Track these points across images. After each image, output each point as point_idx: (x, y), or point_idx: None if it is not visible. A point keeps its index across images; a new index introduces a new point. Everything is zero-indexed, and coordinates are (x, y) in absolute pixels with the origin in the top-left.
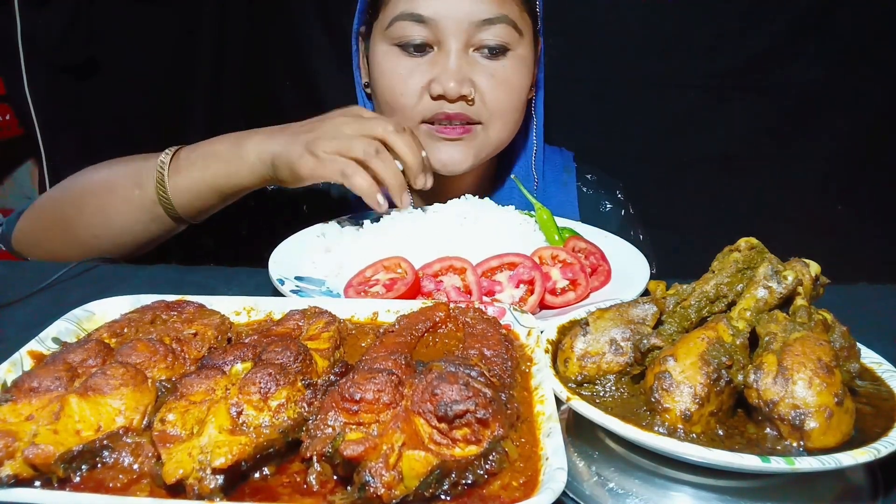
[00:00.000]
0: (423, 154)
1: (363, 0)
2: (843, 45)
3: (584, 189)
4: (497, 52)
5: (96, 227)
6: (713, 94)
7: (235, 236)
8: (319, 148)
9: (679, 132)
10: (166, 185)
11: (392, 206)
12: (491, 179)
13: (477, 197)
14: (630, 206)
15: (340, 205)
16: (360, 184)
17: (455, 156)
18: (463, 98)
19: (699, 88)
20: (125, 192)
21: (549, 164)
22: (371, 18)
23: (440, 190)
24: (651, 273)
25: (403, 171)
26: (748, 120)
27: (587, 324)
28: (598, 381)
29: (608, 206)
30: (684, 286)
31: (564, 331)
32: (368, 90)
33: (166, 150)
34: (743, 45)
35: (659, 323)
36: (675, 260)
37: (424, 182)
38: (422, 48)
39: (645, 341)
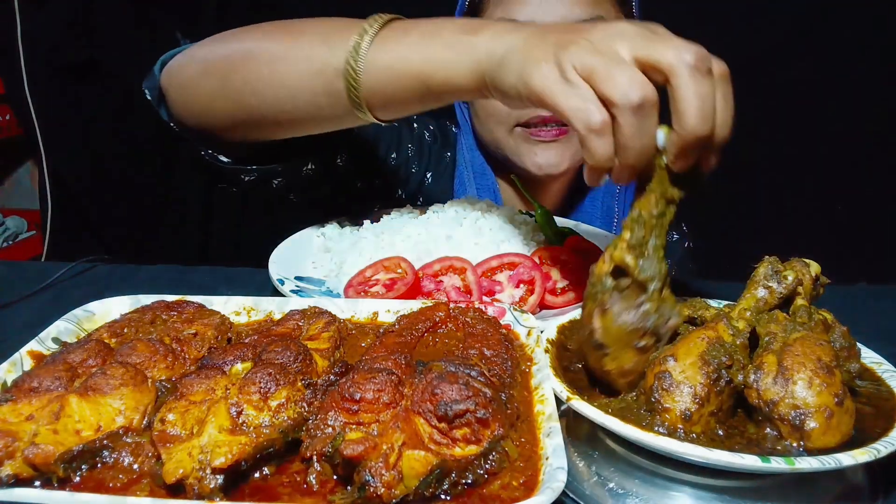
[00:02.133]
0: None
1: (462, 2)
2: (843, 45)
3: None
4: None
5: (260, 79)
6: None
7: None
8: (570, 59)
9: None
10: (360, 55)
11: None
12: (577, 190)
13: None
14: (692, 241)
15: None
16: (594, 148)
17: (551, 158)
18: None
19: None
20: (308, 47)
21: (627, 191)
22: None
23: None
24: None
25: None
26: (748, 120)
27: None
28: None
29: (675, 236)
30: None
31: (564, 331)
32: None
33: (375, 16)
34: (743, 44)
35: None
36: (675, 260)
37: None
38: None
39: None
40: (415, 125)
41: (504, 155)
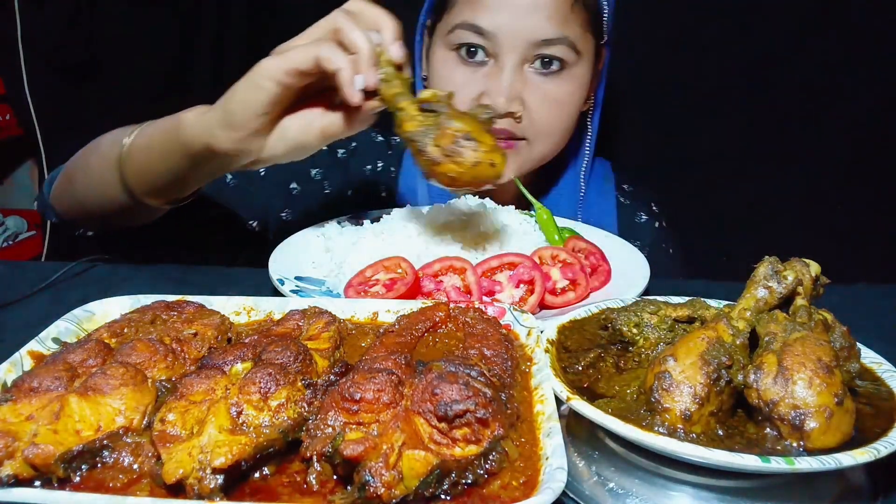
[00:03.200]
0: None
1: (430, 2)
2: (843, 44)
3: (622, 199)
4: (552, 70)
5: (84, 185)
6: (713, 94)
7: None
8: (282, 48)
9: (679, 132)
10: (123, 143)
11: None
12: (535, 187)
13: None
14: (663, 220)
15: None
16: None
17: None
18: (510, 114)
19: (699, 88)
20: (106, 148)
21: (592, 173)
22: (436, 18)
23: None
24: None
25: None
26: (748, 120)
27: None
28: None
29: (643, 217)
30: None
31: (564, 331)
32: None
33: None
34: (743, 44)
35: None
36: (675, 260)
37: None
38: (477, 56)
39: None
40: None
41: None
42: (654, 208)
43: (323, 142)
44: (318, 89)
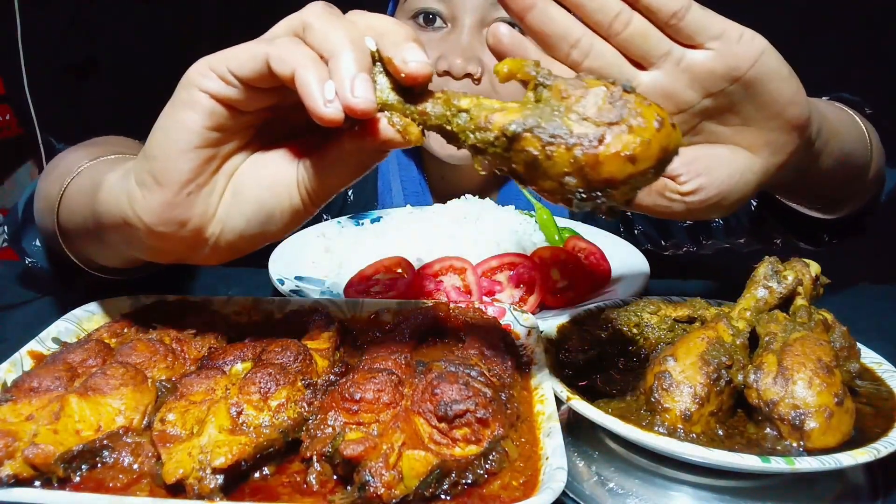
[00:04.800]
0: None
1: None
2: (843, 44)
3: None
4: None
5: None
6: None
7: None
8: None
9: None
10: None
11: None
12: (498, 178)
13: (478, 197)
14: None
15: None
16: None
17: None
18: (469, 76)
19: None
20: (58, 173)
21: None
22: None
23: (448, 183)
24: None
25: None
26: None
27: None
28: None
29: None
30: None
31: (564, 331)
32: None
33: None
34: None
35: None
36: (675, 260)
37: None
38: (435, 23)
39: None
40: None
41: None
42: None
43: (310, 201)
44: (292, 127)
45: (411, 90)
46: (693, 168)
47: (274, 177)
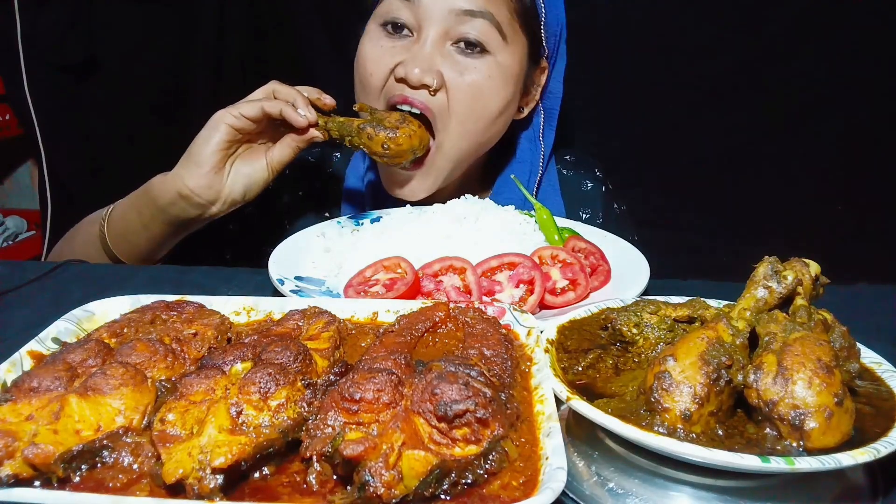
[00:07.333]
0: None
1: None
2: (843, 44)
3: (564, 171)
4: (474, 49)
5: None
6: (713, 94)
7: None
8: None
9: (679, 132)
10: (103, 217)
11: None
12: (479, 182)
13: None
14: (609, 183)
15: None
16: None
17: (407, 190)
18: (425, 87)
19: (699, 88)
20: (86, 227)
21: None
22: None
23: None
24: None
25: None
26: (748, 120)
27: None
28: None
29: (589, 184)
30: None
31: (564, 331)
32: None
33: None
34: (743, 45)
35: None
36: (675, 260)
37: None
38: (402, 30)
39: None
40: None
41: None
42: (597, 173)
43: (272, 172)
44: (258, 141)
45: (328, 112)
46: None
47: (256, 162)
